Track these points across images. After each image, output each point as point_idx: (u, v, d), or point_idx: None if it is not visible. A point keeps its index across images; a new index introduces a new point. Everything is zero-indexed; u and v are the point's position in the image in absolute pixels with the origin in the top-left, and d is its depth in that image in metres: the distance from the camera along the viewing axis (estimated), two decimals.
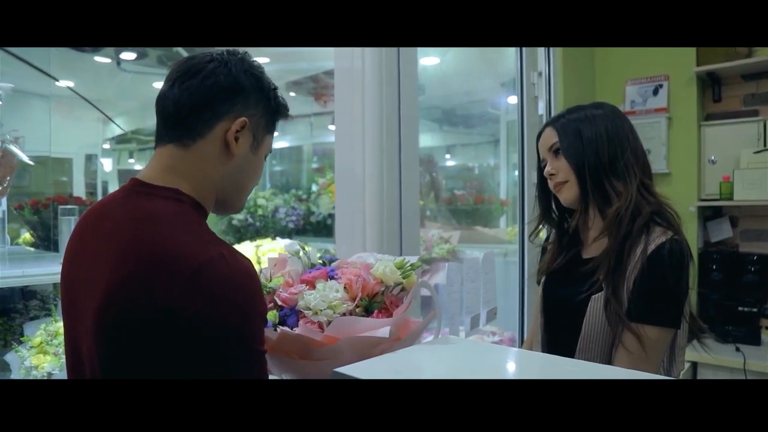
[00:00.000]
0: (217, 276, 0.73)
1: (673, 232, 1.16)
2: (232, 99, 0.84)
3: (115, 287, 0.75)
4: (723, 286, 2.65)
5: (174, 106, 0.84)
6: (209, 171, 0.85)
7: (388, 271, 0.97)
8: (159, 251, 0.75)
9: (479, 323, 1.86)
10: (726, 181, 2.64)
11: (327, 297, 0.93)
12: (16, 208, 2.27)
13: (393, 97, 1.42)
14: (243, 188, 0.92)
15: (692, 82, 2.77)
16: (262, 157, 0.92)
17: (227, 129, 0.84)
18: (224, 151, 0.85)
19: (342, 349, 0.89)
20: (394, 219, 1.43)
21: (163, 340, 0.72)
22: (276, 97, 0.91)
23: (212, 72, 0.84)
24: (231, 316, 0.73)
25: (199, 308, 0.71)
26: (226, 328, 0.73)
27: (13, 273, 1.70)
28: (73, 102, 2.55)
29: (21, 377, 1.61)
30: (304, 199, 2.44)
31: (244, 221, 2.34)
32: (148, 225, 0.78)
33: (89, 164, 3.07)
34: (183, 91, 0.84)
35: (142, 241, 0.76)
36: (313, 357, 0.91)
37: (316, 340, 0.90)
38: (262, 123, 0.89)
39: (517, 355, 1.01)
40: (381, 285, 0.97)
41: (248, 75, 0.87)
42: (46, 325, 1.73)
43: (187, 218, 0.81)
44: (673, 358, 1.20)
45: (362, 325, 0.91)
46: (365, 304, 0.96)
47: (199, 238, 0.78)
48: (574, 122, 1.25)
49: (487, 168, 3.59)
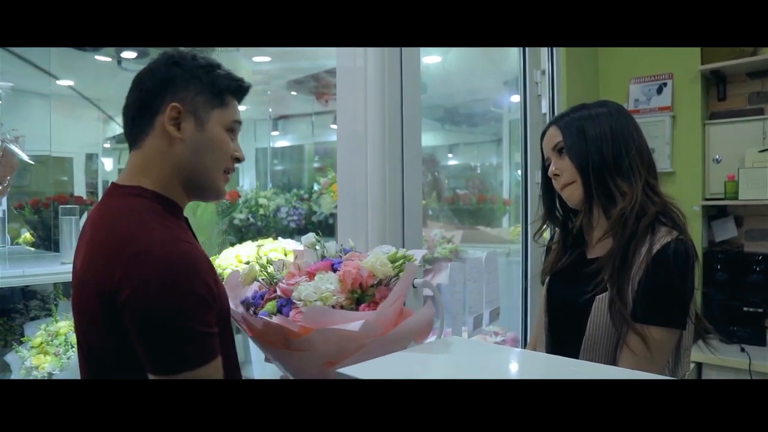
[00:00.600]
0: (153, 260, 0.80)
1: (679, 231, 1.15)
2: (161, 93, 0.92)
3: (79, 277, 0.87)
4: (728, 286, 2.63)
5: (124, 117, 0.96)
6: (163, 162, 0.93)
7: (378, 264, 0.95)
8: (109, 241, 0.84)
9: (482, 323, 1.85)
10: (731, 180, 2.62)
11: (319, 288, 0.93)
12: (16, 208, 2.26)
13: (395, 96, 1.42)
14: (205, 167, 0.95)
15: (697, 80, 2.75)
16: (216, 131, 0.95)
17: (164, 120, 0.92)
18: (168, 139, 0.92)
19: (314, 341, 0.90)
20: (397, 219, 1.42)
21: (109, 320, 0.81)
22: (210, 71, 0.95)
23: (140, 79, 0.94)
24: (165, 297, 0.79)
25: (135, 289, 0.78)
26: (160, 309, 0.78)
27: (13, 273, 1.70)
28: (73, 101, 2.55)
29: (21, 378, 1.60)
30: (305, 199, 2.42)
31: (245, 221, 2.33)
32: (110, 220, 0.89)
33: (90, 163, 3.06)
34: (129, 102, 0.95)
35: (99, 239, 0.87)
36: (292, 347, 0.93)
37: (292, 330, 0.91)
38: (200, 101, 0.93)
39: (521, 356, 1.01)
40: (372, 278, 0.96)
41: (171, 66, 0.93)
42: (46, 325, 1.73)
43: (144, 211, 0.89)
44: (678, 359, 1.19)
45: (335, 317, 0.90)
46: (357, 297, 0.95)
47: (147, 226, 0.85)
48: (578, 121, 1.24)
49: (490, 167, 3.57)
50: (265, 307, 0.99)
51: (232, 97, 0.99)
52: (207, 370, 0.81)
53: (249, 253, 1.96)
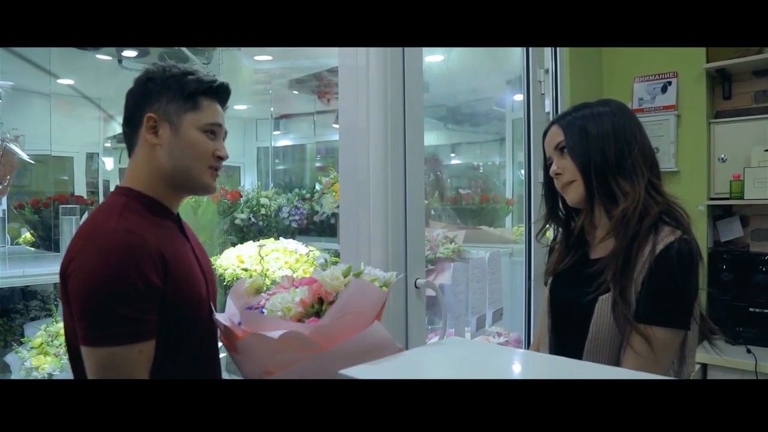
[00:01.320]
0: (98, 243, 0.91)
1: (682, 231, 1.14)
2: (140, 109, 1.03)
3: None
4: (733, 286, 2.61)
5: (122, 132, 1.09)
6: (149, 167, 1.04)
7: (328, 278, 0.94)
8: (78, 231, 0.96)
9: (485, 324, 1.84)
10: (736, 180, 2.60)
11: (286, 300, 0.95)
12: (16, 208, 2.26)
13: (398, 95, 1.41)
14: (186, 166, 1.04)
15: (702, 78, 2.74)
16: (191, 134, 1.04)
17: (143, 130, 1.03)
18: (149, 146, 1.04)
19: (246, 345, 0.93)
20: (399, 218, 1.41)
21: (65, 301, 0.94)
22: (180, 78, 1.03)
23: (126, 98, 1.06)
24: (98, 277, 0.89)
25: (77, 268, 0.90)
26: (88, 290, 0.89)
27: (13, 273, 1.70)
28: (73, 100, 2.55)
29: (21, 378, 1.60)
30: (307, 198, 2.41)
31: (246, 221, 2.32)
32: (90, 215, 1.00)
33: (90, 163, 3.06)
34: (123, 117, 1.07)
35: (79, 227, 0.98)
36: (237, 351, 0.97)
37: (235, 333, 0.96)
38: (172, 107, 1.03)
39: (523, 357, 1.00)
40: (330, 294, 0.95)
41: (146, 82, 1.04)
42: (46, 325, 1.73)
43: (118, 206, 0.98)
44: (683, 359, 1.18)
45: (266, 324, 0.91)
46: (315, 311, 0.94)
47: (109, 218, 0.95)
48: (580, 120, 1.23)
49: (493, 166, 3.56)
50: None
51: (207, 99, 1.06)
52: (131, 350, 0.89)
53: (250, 253, 1.95)
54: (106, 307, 0.89)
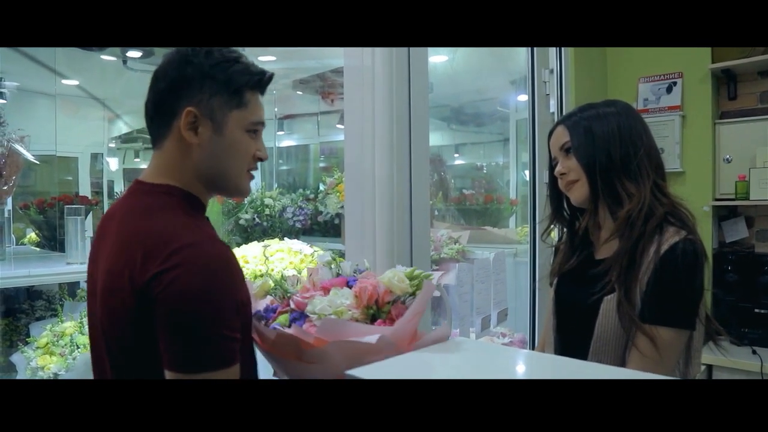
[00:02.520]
0: (186, 261, 0.79)
1: (687, 231, 1.13)
2: (176, 96, 0.89)
3: (109, 274, 0.85)
4: (738, 287, 2.60)
5: (145, 113, 0.94)
6: (183, 165, 0.91)
7: (395, 280, 0.95)
8: (142, 239, 0.83)
9: (490, 324, 1.84)
10: (741, 180, 2.60)
11: (334, 303, 0.93)
12: (21, 208, 2.27)
13: (403, 95, 1.41)
14: (224, 171, 0.93)
15: (707, 79, 2.73)
16: (235, 134, 0.92)
17: (180, 124, 0.89)
18: (186, 144, 0.90)
19: (329, 353, 0.89)
20: (404, 218, 1.41)
21: (139, 320, 0.80)
22: (226, 69, 0.90)
23: (156, 78, 0.91)
24: (194, 299, 0.78)
25: (165, 290, 0.78)
26: (191, 310, 0.78)
27: (18, 273, 1.70)
28: (78, 100, 2.55)
29: (27, 378, 1.60)
30: (311, 199, 2.41)
31: (251, 221, 2.32)
32: (138, 217, 0.88)
33: (95, 163, 3.07)
34: (146, 100, 0.92)
35: (130, 232, 0.86)
36: (304, 359, 0.91)
37: (307, 341, 0.90)
38: (216, 103, 0.89)
39: (528, 357, 1.00)
40: (390, 294, 0.96)
41: (183, 64, 0.89)
42: (52, 325, 1.73)
43: (174, 209, 0.88)
44: (689, 360, 1.18)
45: (352, 330, 0.89)
46: (372, 313, 0.95)
47: (180, 225, 0.85)
48: (585, 120, 1.23)
49: (497, 167, 3.56)
50: (278, 319, 0.99)
51: (253, 93, 0.94)
52: (225, 374, 0.79)
53: (255, 253, 1.95)
54: (208, 329, 0.79)
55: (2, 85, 1.93)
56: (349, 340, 0.87)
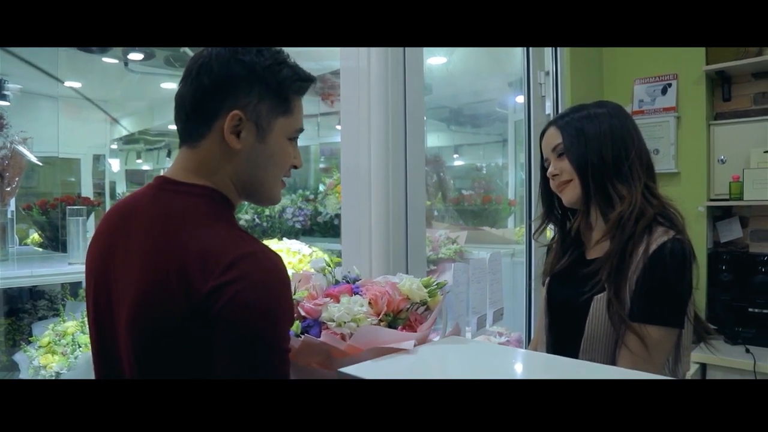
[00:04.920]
0: (246, 273, 0.74)
1: (676, 231, 1.14)
2: (222, 95, 0.83)
3: (150, 283, 0.77)
4: (733, 287, 2.62)
5: (178, 109, 0.86)
6: (220, 168, 0.85)
7: (414, 288, 0.98)
8: (193, 248, 0.76)
9: (486, 324, 1.85)
10: (735, 181, 2.61)
11: (351, 310, 0.94)
12: (24, 209, 2.28)
13: (399, 97, 1.42)
14: (262, 179, 0.88)
15: (701, 80, 2.75)
16: (278, 142, 0.87)
17: (223, 126, 0.83)
18: (227, 147, 0.84)
19: (364, 360, 0.89)
20: (400, 219, 1.42)
21: (192, 334, 0.74)
22: (277, 72, 0.85)
23: (198, 72, 0.83)
24: (257, 314, 0.74)
25: (228, 304, 0.72)
26: (252, 327, 0.74)
27: (21, 273, 1.71)
28: (80, 103, 2.57)
29: (29, 377, 1.62)
30: (311, 200, 2.42)
31: (251, 221, 2.34)
32: (179, 222, 0.80)
33: (97, 164, 3.08)
34: (184, 93, 0.85)
35: (175, 239, 0.78)
36: (333, 367, 0.90)
37: (340, 349, 0.90)
38: (263, 108, 0.84)
39: (521, 356, 1.01)
40: (406, 302, 0.98)
41: (234, 64, 0.83)
42: (54, 325, 1.74)
43: (217, 215, 0.83)
44: (678, 358, 1.19)
45: (386, 337, 0.91)
46: (389, 320, 0.97)
47: (231, 235, 0.80)
48: (577, 121, 1.23)
49: (495, 168, 3.57)
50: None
51: (297, 97, 0.90)
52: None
53: None
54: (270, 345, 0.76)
55: (5, 88, 1.95)
56: (387, 347, 0.89)
